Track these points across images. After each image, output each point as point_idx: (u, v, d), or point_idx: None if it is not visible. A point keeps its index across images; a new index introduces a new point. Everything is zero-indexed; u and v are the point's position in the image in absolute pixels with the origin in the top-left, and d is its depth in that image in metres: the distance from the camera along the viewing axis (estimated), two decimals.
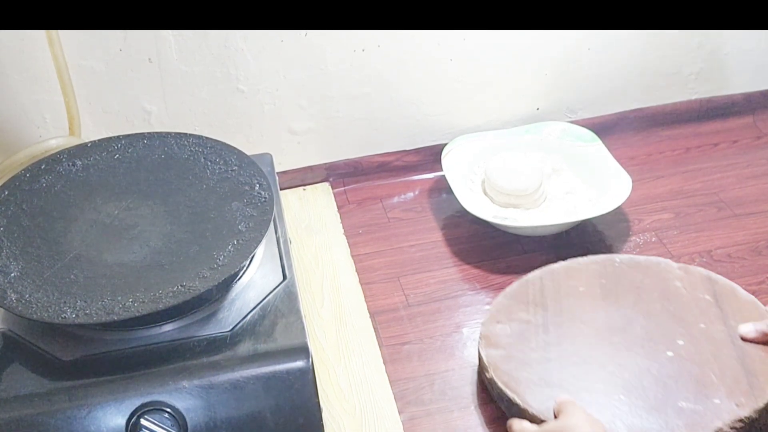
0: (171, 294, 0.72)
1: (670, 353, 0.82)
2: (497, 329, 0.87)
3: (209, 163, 0.86)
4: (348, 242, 1.05)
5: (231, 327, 0.75)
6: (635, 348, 0.83)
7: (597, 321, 0.87)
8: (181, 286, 0.72)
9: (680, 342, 0.83)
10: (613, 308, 0.88)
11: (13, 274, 0.75)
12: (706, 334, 0.84)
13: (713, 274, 0.91)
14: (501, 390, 0.81)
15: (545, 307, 0.89)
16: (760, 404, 0.77)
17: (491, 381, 0.83)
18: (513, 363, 0.83)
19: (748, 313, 0.86)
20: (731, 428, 0.75)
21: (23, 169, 0.86)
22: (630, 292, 0.90)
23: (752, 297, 0.88)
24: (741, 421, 0.76)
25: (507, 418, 0.82)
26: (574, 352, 0.83)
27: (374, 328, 0.93)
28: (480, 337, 0.87)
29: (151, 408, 0.69)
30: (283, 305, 0.76)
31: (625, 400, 0.78)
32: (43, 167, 0.86)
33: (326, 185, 1.14)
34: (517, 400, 0.79)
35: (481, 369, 0.85)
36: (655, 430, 0.75)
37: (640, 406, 0.77)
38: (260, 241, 0.76)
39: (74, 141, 0.96)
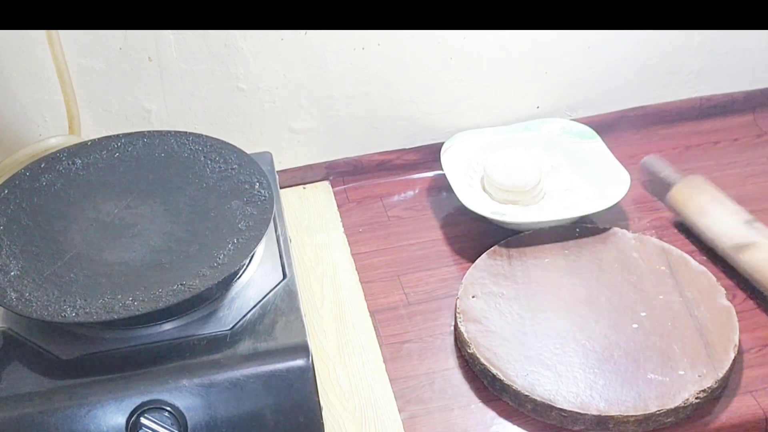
0: (171, 293, 0.72)
1: (635, 325, 0.88)
2: (473, 303, 0.90)
3: (209, 162, 0.87)
4: (348, 241, 1.05)
5: (231, 326, 0.75)
6: (602, 320, 0.88)
7: (564, 293, 0.92)
8: (181, 284, 0.72)
9: (643, 314, 0.89)
10: (577, 280, 0.93)
11: (13, 273, 0.75)
12: (665, 305, 0.90)
13: (666, 245, 0.97)
14: (484, 366, 0.84)
15: (515, 279, 0.93)
16: (720, 375, 0.82)
17: (473, 356, 0.86)
18: (492, 337, 0.87)
19: (701, 283, 0.92)
20: (696, 398, 0.80)
21: (23, 168, 0.86)
22: (592, 263, 0.95)
23: (703, 268, 0.93)
24: (704, 391, 0.81)
25: (507, 417, 0.82)
26: (547, 326, 0.88)
27: (374, 327, 0.93)
28: (457, 312, 0.90)
29: (152, 407, 0.69)
30: (283, 304, 0.77)
31: (600, 372, 0.83)
32: (42, 166, 0.86)
33: (326, 184, 1.14)
34: (501, 376, 0.83)
35: (461, 344, 0.88)
36: (629, 402, 0.80)
37: (614, 379, 0.82)
38: (260, 240, 0.76)
39: (74, 140, 0.96)
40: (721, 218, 0.98)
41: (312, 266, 1.01)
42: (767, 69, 1.22)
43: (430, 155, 1.15)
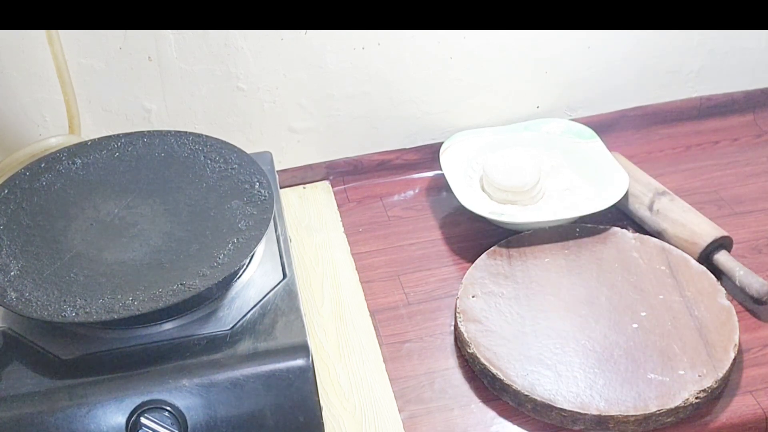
0: (171, 292, 0.72)
1: (635, 325, 0.87)
2: (473, 303, 0.90)
3: (209, 162, 0.86)
4: (348, 240, 1.05)
5: (231, 325, 0.75)
6: (602, 320, 0.88)
7: (564, 293, 0.92)
8: (181, 284, 0.72)
9: (643, 313, 0.89)
10: (577, 279, 0.93)
11: (12, 273, 0.75)
12: (665, 305, 0.90)
13: (666, 245, 0.97)
14: (484, 366, 0.84)
15: (515, 279, 0.93)
16: (720, 374, 0.82)
17: (473, 356, 0.86)
18: (492, 337, 0.87)
19: (701, 283, 0.92)
20: (696, 398, 0.80)
21: (23, 168, 0.86)
22: (592, 263, 0.95)
23: (703, 268, 0.93)
24: (704, 390, 0.81)
25: (507, 417, 0.82)
26: (547, 325, 0.88)
27: (374, 327, 0.93)
28: (457, 312, 0.90)
29: (152, 406, 0.69)
30: (283, 303, 0.77)
31: (600, 372, 0.83)
32: (42, 166, 0.86)
33: (326, 183, 1.14)
34: (501, 376, 0.83)
35: (461, 344, 0.88)
36: (629, 401, 0.80)
37: (614, 379, 0.82)
38: (260, 240, 0.76)
39: (74, 139, 0.96)
40: (633, 205, 1.03)
41: (312, 266, 1.01)
42: (767, 69, 1.22)
43: (430, 155, 1.15)
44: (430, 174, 1.15)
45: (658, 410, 0.79)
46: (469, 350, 0.86)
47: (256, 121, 1.09)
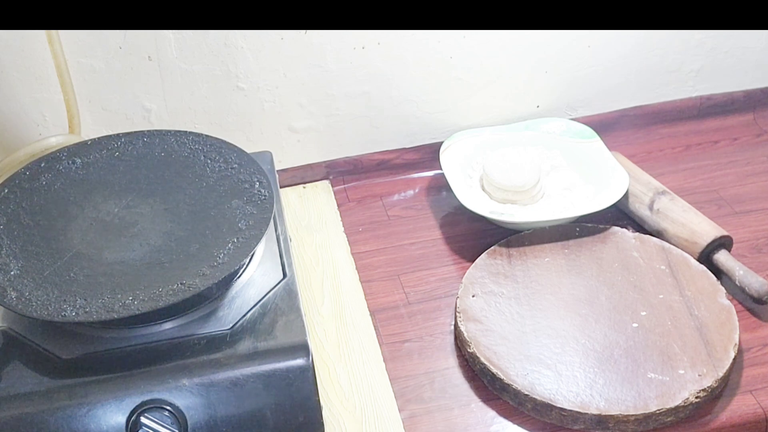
0: (171, 292, 0.72)
1: (635, 324, 0.87)
2: (473, 302, 0.90)
3: (209, 161, 0.87)
4: (348, 240, 1.05)
5: (231, 325, 0.75)
6: (602, 320, 0.88)
7: (564, 292, 0.92)
8: (181, 284, 0.72)
9: (643, 313, 0.89)
10: (577, 279, 0.93)
11: (12, 272, 0.75)
12: (665, 305, 0.90)
13: (666, 244, 0.97)
14: (484, 365, 0.84)
15: (515, 278, 0.93)
16: (720, 374, 0.82)
17: (473, 356, 0.86)
18: (492, 337, 0.87)
19: (701, 282, 0.92)
20: (696, 398, 0.80)
21: (23, 167, 0.86)
22: (592, 262, 0.95)
23: (703, 267, 0.94)
24: (704, 390, 0.81)
25: (507, 416, 0.82)
26: (547, 325, 0.88)
27: (374, 326, 0.93)
28: (457, 311, 0.90)
29: (152, 406, 0.69)
30: (283, 303, 0.77)
31: (600, 372, 0.83)
32: (42, 165, 0.86)
33: (326, 183, 1.14)
34: (501, 376, 0.83)
35: (461, 343, 0.88)
36: (629, 401, 0.80)
37: (614, 379, 0.82)
38: (260, 239, 0.77)
39: (74, 139, 0.96)
40: (634, 204, 1.03)
41: (312, 265, 1.01)
42: (767, 68, 1.22)
43: (430, 154, 1.15)
44: (430, 173, 1.15)
45: (658, 410, 0.79)
46: (469, 350, 0.86)
47: (256, 121, 1.09)
